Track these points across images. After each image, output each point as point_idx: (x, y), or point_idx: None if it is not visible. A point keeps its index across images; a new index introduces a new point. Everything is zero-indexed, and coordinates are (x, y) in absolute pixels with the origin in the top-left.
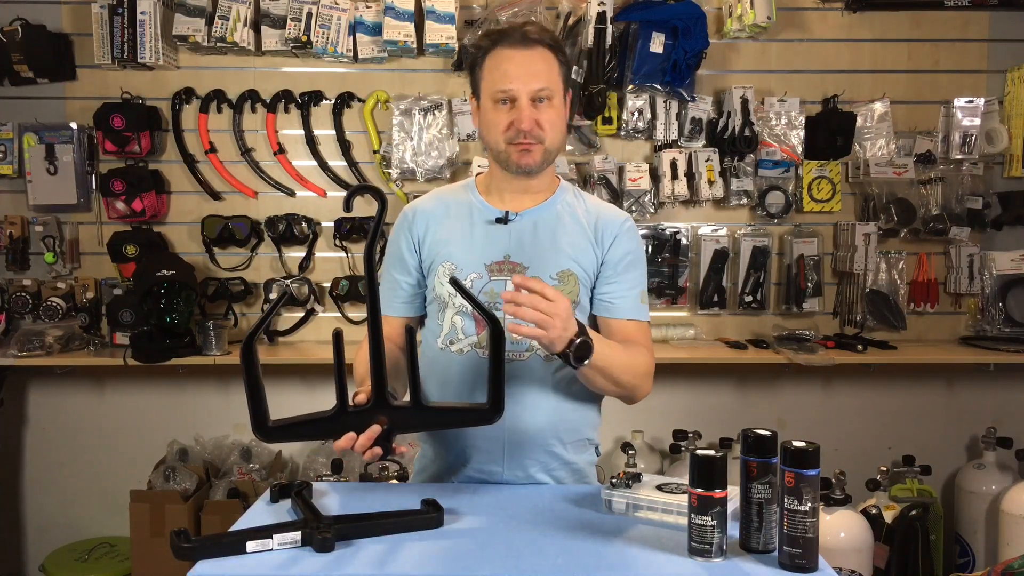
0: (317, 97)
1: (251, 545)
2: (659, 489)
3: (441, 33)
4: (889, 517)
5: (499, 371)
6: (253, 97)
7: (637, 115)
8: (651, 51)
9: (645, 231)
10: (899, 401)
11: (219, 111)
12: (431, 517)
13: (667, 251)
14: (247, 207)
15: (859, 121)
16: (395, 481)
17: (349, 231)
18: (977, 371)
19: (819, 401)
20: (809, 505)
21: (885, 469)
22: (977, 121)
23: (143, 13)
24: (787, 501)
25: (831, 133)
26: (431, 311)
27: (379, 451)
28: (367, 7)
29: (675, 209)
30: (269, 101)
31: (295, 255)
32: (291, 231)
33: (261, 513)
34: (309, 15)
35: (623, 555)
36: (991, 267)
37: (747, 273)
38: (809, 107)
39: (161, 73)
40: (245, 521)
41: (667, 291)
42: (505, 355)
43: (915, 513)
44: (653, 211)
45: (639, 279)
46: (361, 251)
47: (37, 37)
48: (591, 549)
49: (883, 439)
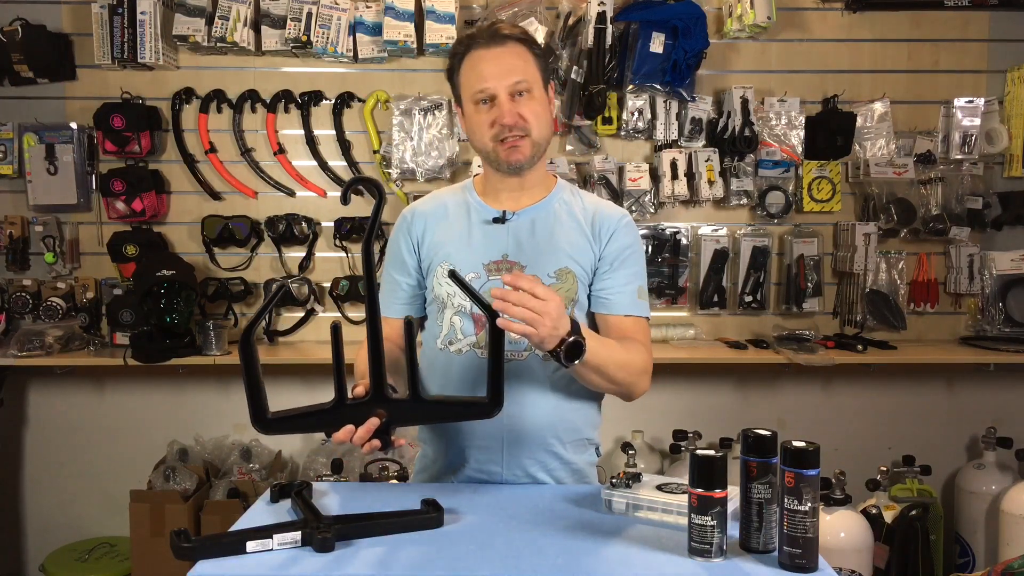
0: (317, 97)
1: (251, 545)
2: (659, 489)
3: (441, 33)
4: (889, 517)
5: (498, 365)
6: (253, 97)
7: (637, 115)
8: (651, 51)
9: (645, 231)
10: (899, 401)
11: (219, 111)
12: (431, 517)
13: (667, 251)
14: (247, 207)
15: (859, 121)
16: (395, 481)
17: (349, 231)
18: (977, 371)
19: (819, 401)
20: (809, 505)
21: (885, 469)
22: (977, 121)
23: (143, 13)
24: (787, 501)
25: (831, 133)
26: (430, 312)
27: (377, 443)
28: (367, 7)
29: (675, 209)
30: (269, 101)
31: (295, 255)
32: (291, 231)
33: (261, 513)
34: (309, 15)
35: (623, 555)
36: (991, 267)
37: (747, 273)
38: (809, 107)
39: (161, 73)
40: (245, 521)
41: (667, 291)
42: (504, 350)
43: (915, 513)
44: (653, 211)
45: (637, 275)
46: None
47: (37, 37)
48: (591, 549)
49: (883, 439)
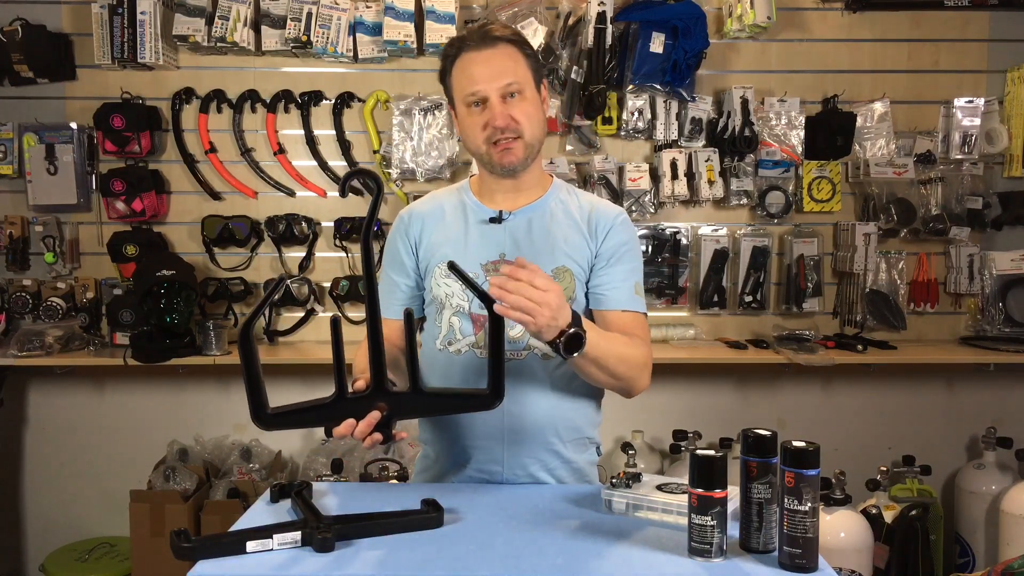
0: (317, 97)
1: (251, 545)
2: (659, 489)
3: (441, 33)
4: (889, 517)
5: (499, 356)
6: (253, 97)
7: (637, 115)
8: (651, 51)
9: (645, 231)
10: (899, 401)
11: (219, 111)
12: (431, 517)
13: (667, 251)
14: (247, 207)
15: (859, 121)
16: (395, 481)
17: (349, 231)
18: (977, 371)
19: (819, 401)
20: (809, 505)
21: (885, 469)
22: (977, 121)
23: (143, 13)
24: (787, 501)
25: (831, 133)
26: (429, 313)
27: (379, 437)
28: (367, 7)
29: (675, 209)
30: (269, 101)
31: (295, 255)
32: (291, 231)
33: (261, 513)
34: (309, 15)
35: (623, 555)
36: (991, 267)
37: (747, 273)
38: (809, 107)
39: (161, 73)
40: (245, 521)
41: (667, 291)
42: (504, 344)
43: (915, 513)
44: (653, 211)
45: (634, 270)
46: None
47: (37, 37)
48: (591, 549)
49: (883, 439)
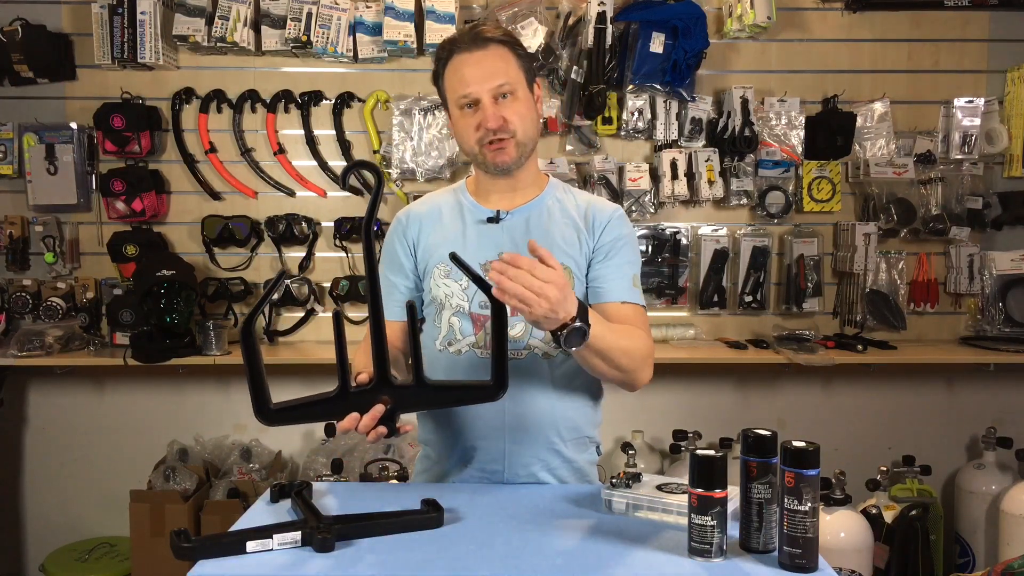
0: (317, 97)
1: (251, 545)
2: (659, 489)
3: (441, 33)
4: (889, 517)
5: (502, 348)
6: (253, 97)
7: (637, 115)
8: (651, 51)
9: (645, 231)
10: (899, 401)
11: (219, 111)
12: (431, 517)
13: (667, 251)
14: (247, 207)
15: (859, 121)
16: (395, 481)
17: (349, 231)
18: (977, 371)
19: (819, 401)
20: (809, 505)
21: (885, 469)
22: (977, 121)
23: (143, 13)
24: (787, 501)
25: (831, 133)
26: (429, 313)
27: (383, 430)
28: (367, 7)
29: (675, 209)
30: (269, 101)
31: (295, 255)
32: (291, 231)
33: (261, 513)
34: (309, 15)
35: (623, 555)
36: (991, 267)
37: (747, 273)
38: (809, 107)
39: (161, 73)
40: (245, 521)
41: (667, 291)
42: (507, 335)
43: (915, 513)
44: (653, 211)
45: (631, 264)
46: (361, 251)
47: (37, 37)
48: (591, 549)
49: (883, 439)
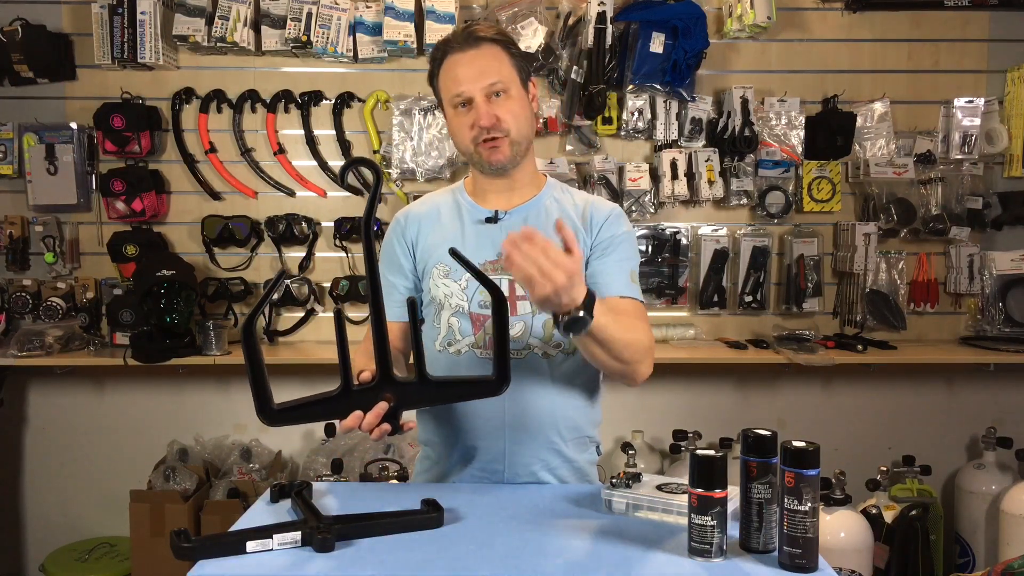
0: (317, 97)
1: (251, 545)
2: (659, 489)
3: (441, 33)
4: (889, 517)
5: (503, 342)
6: (253, 97)
7: (637, 115)
8: (651, 51)
9: (645, 231)
10: (899, 401)
11: (219, 111)
12: (431, 517)
13: (667, 251)
14: (247, 207)
15: (859, 121)
16: (395, 481)
17: (349, 231)
18: (977, 371)
19: (819, 401)
20: (809, 505)
21: (885, 469)
22: (977, 121)
23: (143, 13)
24: (787, 501)
25: (831, 133)
26: (428, 314)
27: (387, 427)
28: (367, 7)
29: (675, 209)
30: (269, 101)
31: (295, 255)
32: (291, 231)
33: (261, 513)
34: (309, 15)
35: (623, 555)
36: (991, 267)
37: (747, 273)
38: (809, 107)
39: (161, 73)
40: (245, 521)
41: (667, 291)
42: (509, 330)
43: (915, 513)
44: (653, 211)
45: (628, 259)
46: (361, 251)
47: (37, 37)
48: (591, 549)
49: (883, 439)
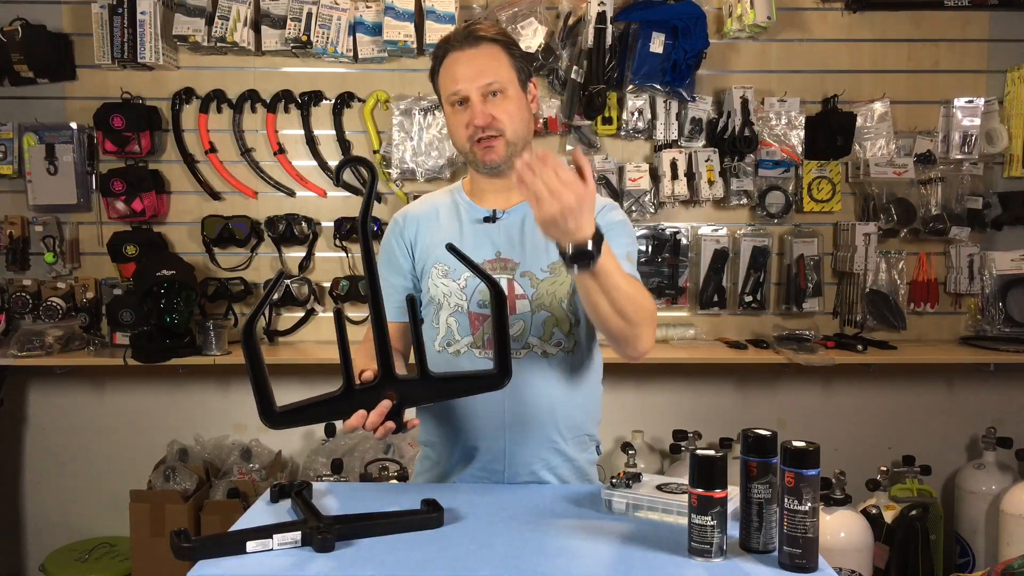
0: (317, 97)
1: (251, 545)
2: (659, 489)
3: (441, 33)
4: (889, 517)
5: (504, 335)
6: (253, 97)
7: (637, 115)
8: (651, 51)
9: (645, 231)
10: (899, 401)
11: (219, 111)
12: (431, 517)
13: (667, 251)
14: (247, 207)
15: (859, 121)
16: (395, 481)
17: (349, 231)
18: (977, 371)
19: (819, 401)
20: (809, 505)
21: (885, 469)
22: (977, 121)
23: (143, 13)
24: (787, 501)
25: (831, 133)
26: (427, 314)
27: (392, 426)
28: (367, 7)
29: (675, 209)
30: (269, 101)
31: (295, 255)
32: (291, 231)
33: (261, 513)
34: (309, 15)
35: (623, 555)
36: (991, 267)
37: (747, 273)
38: (809, 107)
39: (161, 73)
40: (245, 521)
41: (667, 291)
42: (508, 323)
43: (915, 513)
44: (653, 211)
45: (626, 244)
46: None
47: (37, 37)
48: (591, 549)
49: (883, 439)
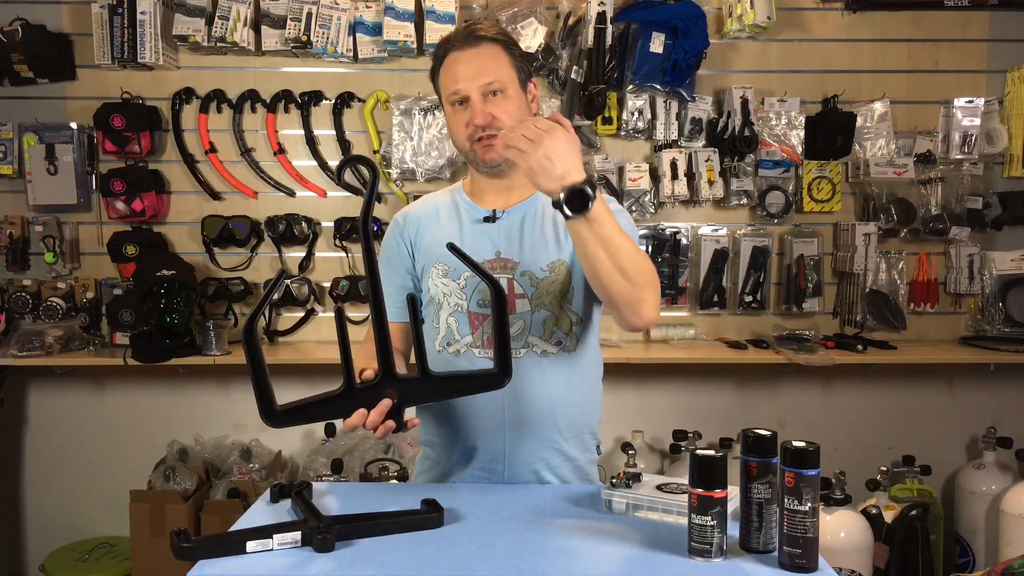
0: (317, 97)
1: (251, 545)
2: (659, 489)
3: (441, 33)
4: (889, 517)
5: (504, 335)
6: (253, 97)
7: (637, 115)
8: (651, 51)
9: (645, 231)
10: (899, 401)
11: (219, 111)
12: (431, 517)
13: (667, 251)
14: (247, 207)
15: (859, 121)
16: (395, 481)
17: (349, 231)
18: (977, 371)
19: (819, 401)
20: (809, 505)
21: (885, 469)
22: (977, 121)
23: (143, 13)
24: (787, 501)
25: (831, 133)
26: (427, 314)
27: (392, 424)
28: (367, 7)
29: (675, 209)
30: (269, 101)
31: (295, 255)
32: (291, 231)
33: (261, 513)
34: (309, 15)
35: (623, 555)
36: (991, 267)
37: (747, 273)
38: (809, 107)
39: (161, 73)
40: (245, 521)
41: (667, 291)
42: (508, 322)
43: (915, 513)
44: (653, 211)
45: (629, 229)
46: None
47: (37, 37)
48: (591, 549)
49: (883, 439)
